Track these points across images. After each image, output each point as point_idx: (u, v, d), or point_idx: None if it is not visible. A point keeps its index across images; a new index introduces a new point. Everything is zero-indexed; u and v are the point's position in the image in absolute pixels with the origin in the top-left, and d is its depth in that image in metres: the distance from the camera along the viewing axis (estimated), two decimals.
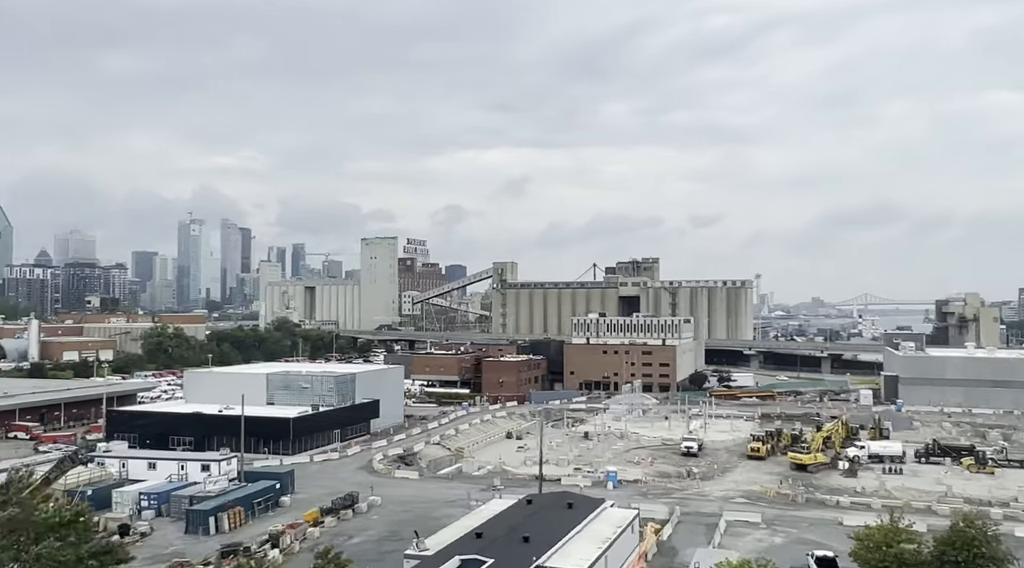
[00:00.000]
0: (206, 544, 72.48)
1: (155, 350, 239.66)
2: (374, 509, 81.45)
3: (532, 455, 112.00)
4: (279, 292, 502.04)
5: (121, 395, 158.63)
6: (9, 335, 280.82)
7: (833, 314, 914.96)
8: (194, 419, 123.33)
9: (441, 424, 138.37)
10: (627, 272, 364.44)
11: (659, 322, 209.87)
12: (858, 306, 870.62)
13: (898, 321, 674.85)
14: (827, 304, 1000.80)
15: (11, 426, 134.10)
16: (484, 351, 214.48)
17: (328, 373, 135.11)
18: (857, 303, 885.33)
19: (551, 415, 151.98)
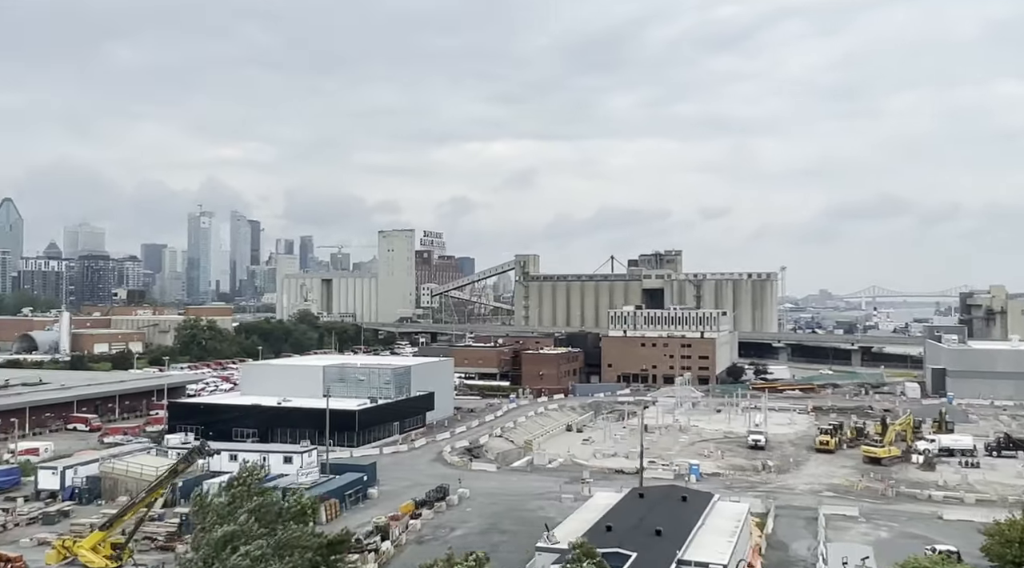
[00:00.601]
0: None
1: (189, 342, 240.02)
2: (464, 501, 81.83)
3: (600, 448, 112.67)
4: (297, 284, 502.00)
5: (171, 387, 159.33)
6: (39, 327, 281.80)
7: (841, 306, 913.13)
8: (254, 411, 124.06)
9: (496, 417, 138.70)
10: (650, 264, 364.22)
11: (697, 315, 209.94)
12: (866, 298, 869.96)
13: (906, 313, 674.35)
14: (835, 296, 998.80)
15: (70, 418, 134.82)
16: (521, 344, 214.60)
17: (385, 366, 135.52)
18: (865, 295, 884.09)
19: (601, 408, 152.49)
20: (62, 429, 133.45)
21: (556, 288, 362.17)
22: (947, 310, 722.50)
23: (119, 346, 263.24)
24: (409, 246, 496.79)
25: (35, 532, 74.92)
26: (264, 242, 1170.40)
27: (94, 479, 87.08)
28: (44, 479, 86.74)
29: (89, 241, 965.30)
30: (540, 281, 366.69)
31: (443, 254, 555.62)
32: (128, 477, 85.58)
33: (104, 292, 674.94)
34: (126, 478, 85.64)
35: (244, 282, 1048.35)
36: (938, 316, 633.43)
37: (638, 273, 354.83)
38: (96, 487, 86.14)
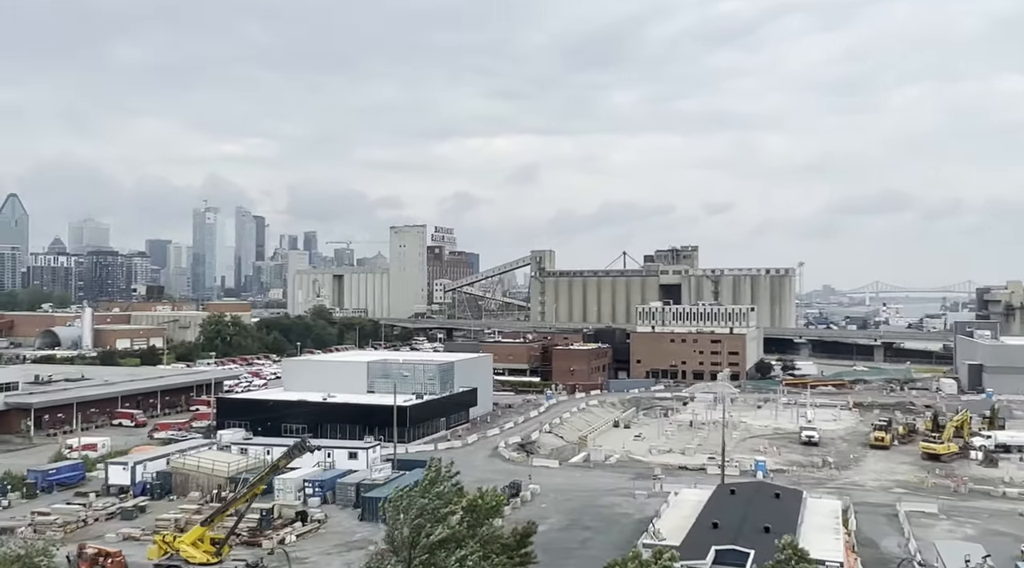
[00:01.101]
0: (374, 531, 73.18)
1: (213, 338, 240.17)
2: (537, 498, 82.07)
3: (655, 444, 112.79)
4: (308, 280, 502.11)
5: (210, 382, 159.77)
6: (60, 323, 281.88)
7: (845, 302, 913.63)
8: (300, 406, 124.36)
9: (540, 412, 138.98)
10: (666, 260, 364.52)
11: (726, 310, 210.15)
12: (870, 294, 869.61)
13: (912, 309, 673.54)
14: (838, 292, 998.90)
15: (115, 413, 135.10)
16: (549, 340, 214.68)
17: (429, 362, 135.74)
18: (869, 291, 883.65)
19: (640, 403, 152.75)
20: (107, 424, 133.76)
21: (572, 284, 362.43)
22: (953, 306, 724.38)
23: (140, 342, 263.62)
24: (421, 242, 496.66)
25: (115, 527, 75.18)
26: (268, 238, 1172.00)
27: (164, 474, 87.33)
28: (114, 474, 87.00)
29: (94, 237, 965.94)
30: (556, 277, 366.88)
31: (453, 250, 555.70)
32: (199, 473, 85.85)
33: (113, 288, 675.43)
34: (197, 474, 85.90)
35: (250, 278, 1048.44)
36: (944, 312, 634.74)
37: (655, 269, 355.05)
38: (167, 482, 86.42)
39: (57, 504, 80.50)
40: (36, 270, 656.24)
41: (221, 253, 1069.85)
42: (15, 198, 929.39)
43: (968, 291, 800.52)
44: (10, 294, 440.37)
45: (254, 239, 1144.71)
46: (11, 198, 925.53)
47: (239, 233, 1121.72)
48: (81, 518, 76.00)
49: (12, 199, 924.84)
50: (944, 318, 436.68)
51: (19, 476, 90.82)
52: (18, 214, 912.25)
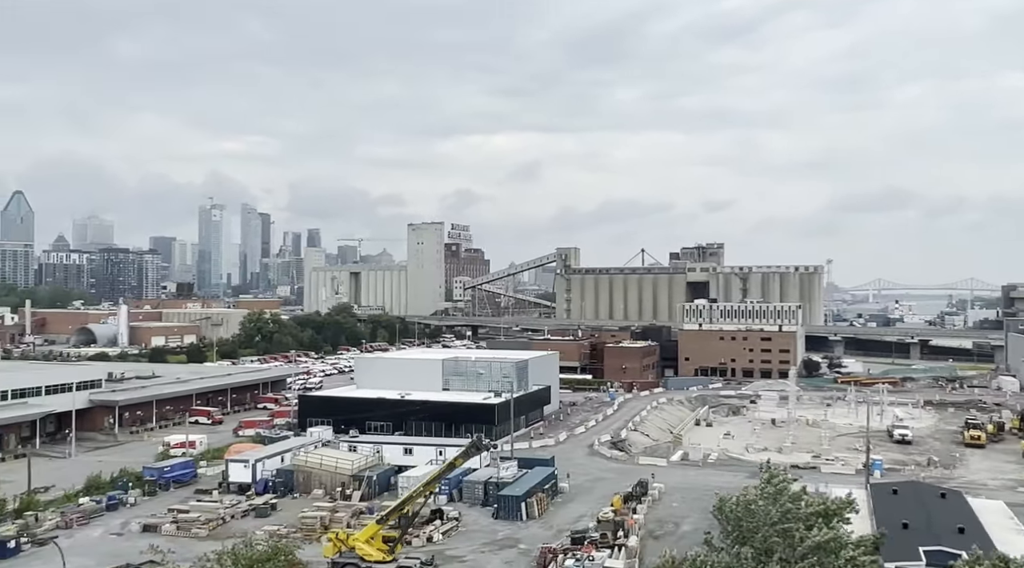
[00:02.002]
0: (528, 529, 73.48)
1: (254, 335, 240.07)
2: (665, 496, 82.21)
3: (750, 442, 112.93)
4: (326, 278, 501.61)
5: (274, 380, 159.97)
6: (94, 320, 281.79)
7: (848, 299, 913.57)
8: (378, 404, 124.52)
9: (614, 410, 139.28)
10: (692, 258, 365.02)
11: (774, 308, 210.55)
12: (872, 291, 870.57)
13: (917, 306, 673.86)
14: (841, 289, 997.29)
15: (192, 411, 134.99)
16: (597, 337, 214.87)
17: (505, 359, 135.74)
18: (872, 288, 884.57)
19: (707, 402, 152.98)
20: (183, 422, 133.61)
21: (599, 281, 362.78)
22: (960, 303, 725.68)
23: (175, 339, 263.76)
24: (438, 239, 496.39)
25: (254, 524, 75.19)
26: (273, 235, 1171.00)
27: (286, 472, 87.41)
28: (235, 472, 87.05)
29: (98, 234, 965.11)
30: (582, 274, 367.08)
31: (468, 247, 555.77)
32: (323, 470, 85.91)
33: (124, 285, 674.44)
34: (320, 472, 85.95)
35: (256, 275, 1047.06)
36: (956, 309, 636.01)
37: (682, 266, 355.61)
38: (289, 480, 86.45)
39: (191, 501, 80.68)
40: (48, 267, 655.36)
41: (226, 250, 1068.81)
42: (21, 195, 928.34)
43: (971, 288, 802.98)
44: (30, 291, 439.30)
45: (259, 236, 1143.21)
46: (17, 195, 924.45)
47: (245, 230, 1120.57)
48: (220, 516, 76.01)
49: (18, 196, 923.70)
50: (964, 315, 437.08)
51: (135, 473, 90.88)
52: (24, 211, 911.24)
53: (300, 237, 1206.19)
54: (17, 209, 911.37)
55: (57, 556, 67.93)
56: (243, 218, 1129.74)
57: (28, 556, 67.54)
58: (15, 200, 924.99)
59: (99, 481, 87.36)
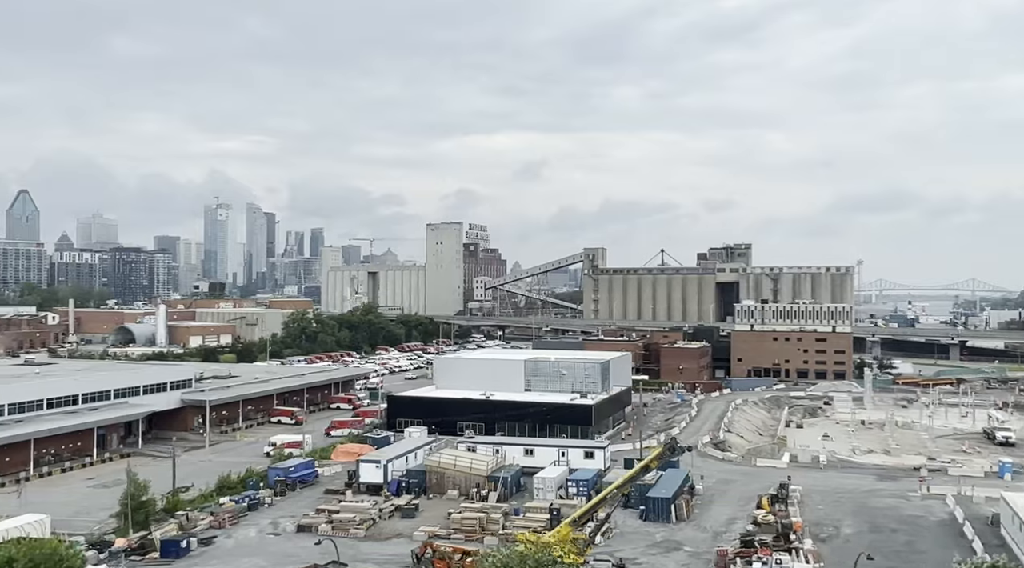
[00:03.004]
0: (682, 532, 73.29)
1: (298, 335, 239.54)
2: (807, 498, 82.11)
3: (856, 444, 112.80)
4: (344, 277, 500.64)
5: (344, 380, 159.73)
6: (130, 320, 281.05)
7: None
8: (467, 404, 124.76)
9: (695, 411, 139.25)
10: (720, 258, 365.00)
11: (826, 309, 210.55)
12: (875, 291, 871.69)
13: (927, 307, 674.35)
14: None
15: (273, 411, 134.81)
16: (650, 338, 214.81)
17: (587, 360, 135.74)
18: (874, 288, 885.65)
19: (780, 403, 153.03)
20: (266, 422, 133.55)
21: (627, 281, 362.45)
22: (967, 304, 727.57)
23: (211, 338, 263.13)
24: (458, 239, 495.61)
25: (404, 525, 75.08)
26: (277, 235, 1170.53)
27: (418, 473, 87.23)
28: (366, 473, 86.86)
29: (102, 233, 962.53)
30: (610, 275, 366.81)
31: (486, 247, 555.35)
32: (457, 471, 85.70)
33: (136, 284, 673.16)
34: (454, 472, 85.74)
35: (262, 274, 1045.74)
36: (965, 311, 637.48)
37: (710, 266, 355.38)
38: (422, 481, 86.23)
39: (339, 501, 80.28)
40: (61, 267, 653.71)
41: (231, 249, 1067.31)
42: (26, 194, 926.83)
43: (972, 289, 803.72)
44: (51, 291, 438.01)
45: (264, 235, 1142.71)
46: (22, 194, 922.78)
47: (250, 230, 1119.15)
48: (371, 516, 75.80)
49: (23, 195, 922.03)
50: (987, 316, 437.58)
51: (260, 473, 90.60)
52: (29, 210, 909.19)
53: (303, 236, 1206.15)
54: (23, 208, 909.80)
55: (227, 555, 68.15)
56: (248, 217, 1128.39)
57: (198, 556, 67.22)
58: (20, 199, 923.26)
59: (229, 481, 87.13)
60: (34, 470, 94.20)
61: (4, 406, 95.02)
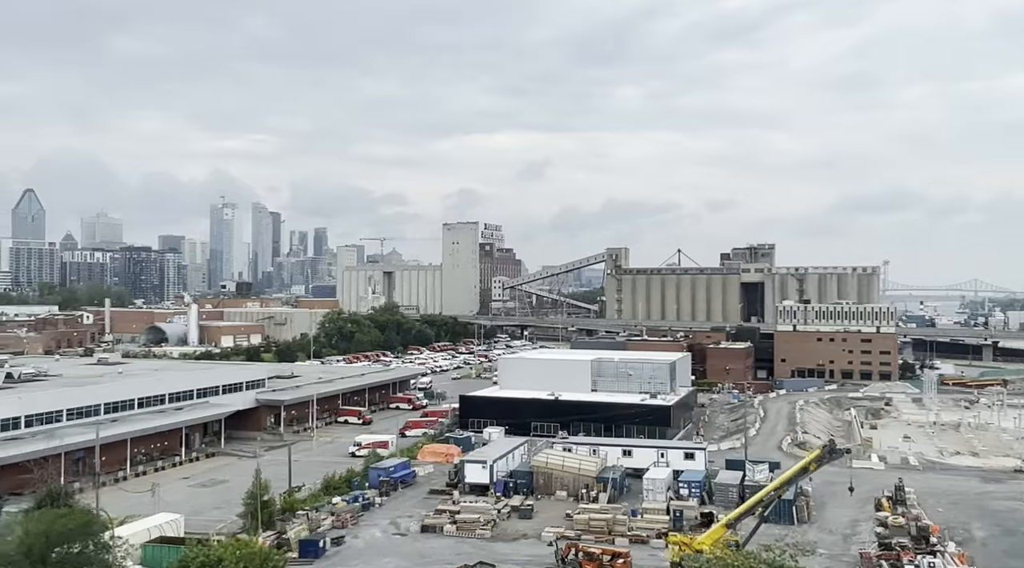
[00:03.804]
0: (808, 534, 73.03)
1: (334, 334, 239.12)
2: (921, 500, 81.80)
3: (942, 445, 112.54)
4: (364, 277, 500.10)
5: (401, 380, 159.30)
6: (160, 319, 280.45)
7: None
8: (532, 404, 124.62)
9: (763, 411, 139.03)
10: (744, 258, 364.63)
11: (871, 309, 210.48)
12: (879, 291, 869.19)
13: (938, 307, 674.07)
14: None
15: (340, 411, 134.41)
16: (693, 338, 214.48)
17: (654, 360, 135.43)
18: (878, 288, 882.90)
19: (840, 404, 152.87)
20: (334, 422, 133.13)
21: (650, 281, 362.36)
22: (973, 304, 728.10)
23: (242, 338, 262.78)
24: (474, 239, 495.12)
25: (522, 526, 74.77)
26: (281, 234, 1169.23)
27: (524, 473, 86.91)
28: (472, 473, 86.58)
29: (107, 232, 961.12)
30: (633, 274, 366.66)
31: (501, 247, 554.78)
32: (565, 472, 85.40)
33: (147, 284, 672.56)
34: (562, 473, 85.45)
35: (268, 274, 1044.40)
36: (963, 311, 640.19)
37: (735, 267, 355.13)
38: (529, 481, 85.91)
39: (459, 501, 79.87)
40: (72, 266, 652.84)
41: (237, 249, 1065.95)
42: (32, 193, 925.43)
43: (975, 290, 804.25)
44: (69, 290, 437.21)
45: (270, 235, 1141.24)
46: (28, 193, 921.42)
47: (256, 229, 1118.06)
48: (493, 517, 75.47)
49: (29, 195, 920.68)
50: (1004, 317, 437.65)
51: (359, 473, 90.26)
52: (35, 210, 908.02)
53: (307, 236, 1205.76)
54: (28, 208, 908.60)
55: (361, 555, 67.78)
56: (254, 217, 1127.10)
57: (333, 556, 66.94)
58: (26, 198, 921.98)
59: (334, 481, 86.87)
60: (130, 469, 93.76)
61: (100, 406, 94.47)
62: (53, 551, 45.87)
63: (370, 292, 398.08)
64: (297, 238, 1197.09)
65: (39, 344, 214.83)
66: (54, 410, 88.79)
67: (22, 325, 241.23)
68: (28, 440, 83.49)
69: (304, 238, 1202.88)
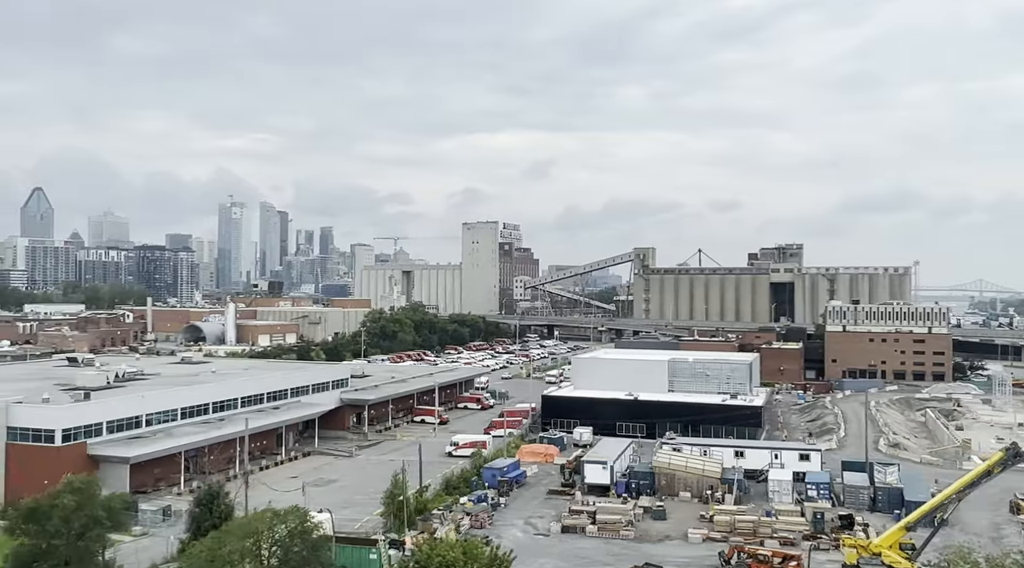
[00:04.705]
0: (958, 537, 72.02)
1: (377, 334, 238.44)
2: None
3: None
4: (381, 276, 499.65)
5: (467, 380, 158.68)
6: (195, 318, 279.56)
7: None
8: (612, 404, 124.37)
9: (839, 411, 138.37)
10: (772, 258, 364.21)
11: (923, 310, 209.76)
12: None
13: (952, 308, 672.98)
14: None
15: (416, 410, 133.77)
16: (743, 339, 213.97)
17: (732, 360, 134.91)
18: None
19: (910, 404, 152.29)
20: (409, 421, 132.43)
21: (679, 281, 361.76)
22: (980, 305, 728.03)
23: (278, 337, 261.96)
24: (493, 238, 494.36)
25: (660, 527, 74.16)
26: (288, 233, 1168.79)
27: (645, 474, 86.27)
28: (592, 473, 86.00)
29: (114, 231, 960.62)
30: (661, 274, 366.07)
31: (519, 246, 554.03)
32: (688, 473, 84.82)
33: (160, 283, 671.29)
34: (685, 474, 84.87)
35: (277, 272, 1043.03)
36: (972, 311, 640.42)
37: (764, 267, 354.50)
38: (650, 482, 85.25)
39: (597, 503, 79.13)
40: (87, 264, 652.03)
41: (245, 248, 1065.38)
42: (40, 192, 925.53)
43: (980, 290, 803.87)
44: (92, 288, 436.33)
45: (278, 234, 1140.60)
46: (36, 192, 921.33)
47: (264, 228, 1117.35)
48: (631, 518, 74.84)
49: (37, 193, 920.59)
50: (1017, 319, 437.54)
51: (471, 473, 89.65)
52: (43, 208, 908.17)
53: (313, 235, 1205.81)
54: (37, 206, 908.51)
55: (523, 554, 66.94)
56: (262, 216, 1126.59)
57: None
58: (35, 197, 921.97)
59: (453, 481, 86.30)
60: (239, 468, 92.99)
61: (209, 405, 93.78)
62: (278, 551, 45.28)
63: (395, 291, 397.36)
64: (303, 237, 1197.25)
65: (84, 343, 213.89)
66: (170, 409, 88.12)
67: (64, 324, 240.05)
68: (151, 438, 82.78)
69: (311, 237, 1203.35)
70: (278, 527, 46.11)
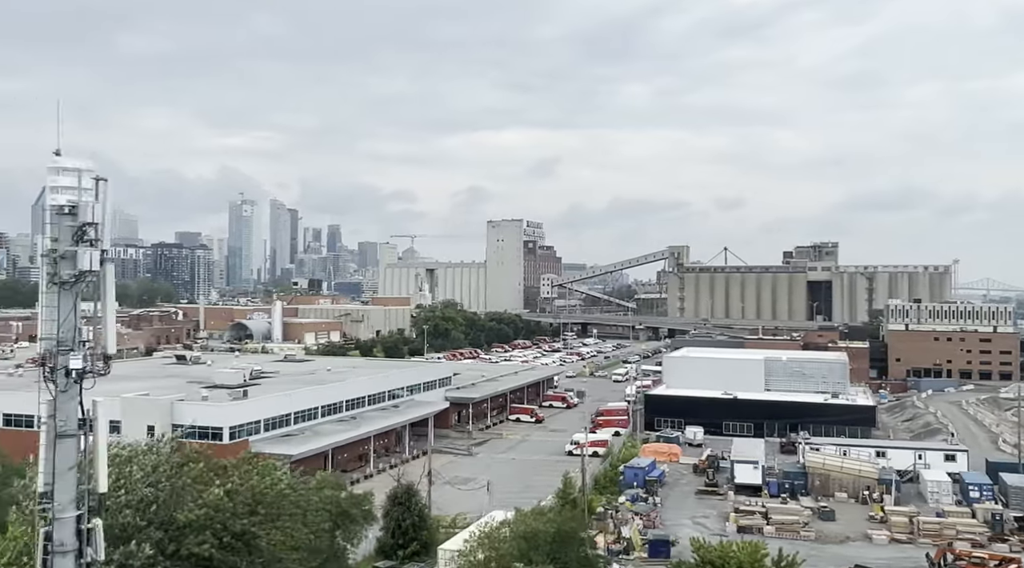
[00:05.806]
0: None
1: (431, 332, 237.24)
2: None
3: None
4: (405, 275, 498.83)
5: (547, 379, 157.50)
6: (239, 316, 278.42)
7: None
8: (713, 403, 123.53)
9: (935, 412, 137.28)
10: (809, 256, 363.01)
11: (988, 308, 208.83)
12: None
13: None
14: None
15: (513, 409, 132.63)
16: (806, 338, 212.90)
17: (828, 359, 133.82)
18: None
19: (1000, 405, 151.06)
20: (506, 420, 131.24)
21: (714, 280, 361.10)
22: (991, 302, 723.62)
23: (323, 335, 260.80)
24: (518, 236, 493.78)
25: (832, 529, 72.96)
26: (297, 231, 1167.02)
27: (798, 474, 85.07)
28: (742, 473, 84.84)
29: (124, 229, 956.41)
30: (696, 272, 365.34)
31: (543, 244, 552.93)
32: (844, 474, 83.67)
33: (177, 280, 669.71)
34: (841, 475, 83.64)
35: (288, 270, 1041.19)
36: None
37: (801, 265, 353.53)
38: (804, 482, 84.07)
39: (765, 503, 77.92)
40: None
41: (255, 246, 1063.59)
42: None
43: (987, 288, 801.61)
44: (121, 286, 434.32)
45: (288, 232, 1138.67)
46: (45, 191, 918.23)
47: (274, 226, 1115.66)
48: (805, 520, 73.60)
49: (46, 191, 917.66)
50: None
51: (613, 472, 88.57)
52: None
53: (321, 232, 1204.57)
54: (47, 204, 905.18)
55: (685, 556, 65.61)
56: (272, 214, 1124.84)
57: (676, 557, 64.83)
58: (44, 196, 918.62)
59: (602, 480, 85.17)
60: (372, 466, 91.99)
61: (343, 402, 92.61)
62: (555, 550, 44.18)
63: (427, 290, 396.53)
64: (311, 235, 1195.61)
65: (140, 341, 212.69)
66: (312, 407, 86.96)
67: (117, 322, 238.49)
68: (303, 437, 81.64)
69: (319, 235, 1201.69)
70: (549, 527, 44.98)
